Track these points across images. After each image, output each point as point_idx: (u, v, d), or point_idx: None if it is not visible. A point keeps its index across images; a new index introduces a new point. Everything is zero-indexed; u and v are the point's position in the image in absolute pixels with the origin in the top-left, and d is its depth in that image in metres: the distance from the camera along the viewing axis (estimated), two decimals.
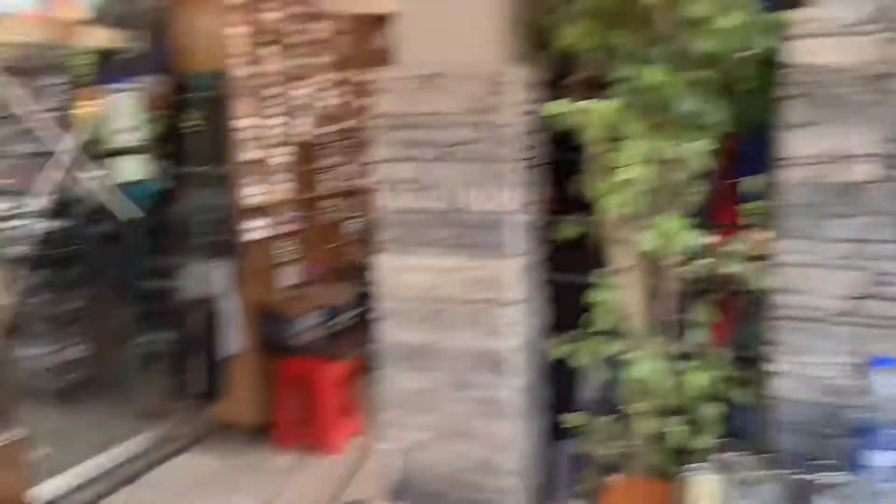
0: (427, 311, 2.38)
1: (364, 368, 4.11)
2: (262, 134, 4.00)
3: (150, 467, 3.74)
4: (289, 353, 3.96)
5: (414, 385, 2.44)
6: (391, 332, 2.46)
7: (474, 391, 2.36)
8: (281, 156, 4.16)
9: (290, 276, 4.21)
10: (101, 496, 3.47)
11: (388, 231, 2.41)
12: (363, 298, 4.26)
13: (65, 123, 3.94)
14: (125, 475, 3.64)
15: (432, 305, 2.37)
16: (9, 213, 3.99)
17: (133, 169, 3.89)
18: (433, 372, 2.40)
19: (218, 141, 3.78)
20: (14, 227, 4.05)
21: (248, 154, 3.89)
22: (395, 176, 2.36)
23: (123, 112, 3.89)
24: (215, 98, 3.77)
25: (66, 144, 3.87)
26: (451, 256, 2.32)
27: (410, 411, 2.46)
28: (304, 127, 4.39)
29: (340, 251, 4.17)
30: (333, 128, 4.65)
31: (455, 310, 2.34)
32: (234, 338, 3.88)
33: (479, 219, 2.28)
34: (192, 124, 3.79)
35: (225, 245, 3.83)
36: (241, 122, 3.82)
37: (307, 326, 4.08)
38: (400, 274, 2.40)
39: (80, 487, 3.49)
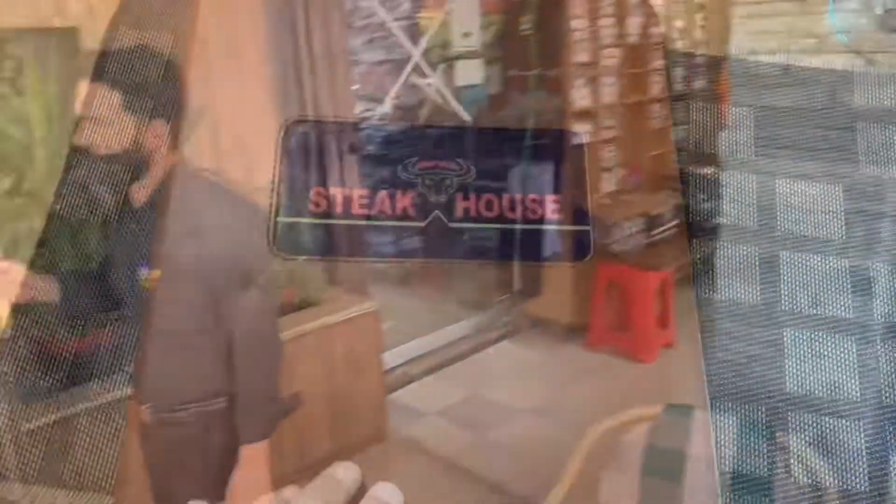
0: (773, 222, 2.20)
1: (682, 280, 4.00)
2: (593, 35, 3.94)
3: (473, 351, 4.08)
4: (606, 259, 3.99)
5: (750, 299, 2.30)
6: (727, 243, 2.33)
7: (825, 309, 2.16)
8: (611, 58, 4.08)
9: (612, 181, 4.20)
10: (432, 369, 3.90)
11: (733, 134, 2.25)
12: (685, 208, 4.10)
13: (411, 31, 4.25)
14: (452, 354, 4.03)
15: (780, 215, 2.18)
16: (362, 116, 4.48)
17: (470, 73, 4.11)
18: (775, 287, 2.24)
19: (550, 43, 3.81)
20: (365, 129, 4.56)
21: (579, 56, 3.87)
22: (753, 71, 2.17)
23: (463, 18, 4.09)
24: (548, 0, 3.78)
25: (412, 51, 4.20)
26: (809, 162, 2.09)
27: (744, 326, 2.34)
28: (636, 28, 4.24)
29: (665, 158, 4.03)
30: (666, 28, 4.43)
31: (808, 221, 2.13)
32: (553, 239, 4.00)
33: (851, 117, 2.02)
34: (525, 27, 3.86)
35: (551, 148, 3.92)
36: (574, 23, 3.80)
37: (626, 234, 4.05)
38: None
39: (416, 359, 3.95)
